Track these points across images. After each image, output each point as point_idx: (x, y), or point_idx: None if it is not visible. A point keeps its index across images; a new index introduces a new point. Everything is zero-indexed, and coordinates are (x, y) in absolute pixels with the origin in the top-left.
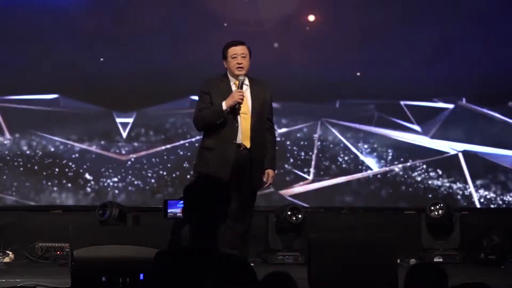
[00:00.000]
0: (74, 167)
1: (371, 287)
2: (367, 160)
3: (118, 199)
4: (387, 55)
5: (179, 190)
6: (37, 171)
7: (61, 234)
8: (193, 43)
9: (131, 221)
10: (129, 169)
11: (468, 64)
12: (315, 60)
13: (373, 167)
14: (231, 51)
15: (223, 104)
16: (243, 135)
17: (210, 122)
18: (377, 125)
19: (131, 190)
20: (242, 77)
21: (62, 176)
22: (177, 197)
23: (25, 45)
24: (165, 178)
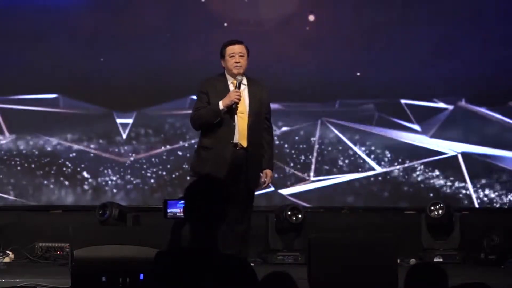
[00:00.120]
0: (74, 167)
1: (371, 287)
2: (367, 160)
3: (118, 199)
4: (387, 55)
5: (179, 190)
6: (37, 171)
7: (61, 234)
8: (193, 43)
9: (131, 221)
10: (129, 169)
11: (468, 64)
12: (315, 60)
13: (373, 167)
14: (229, 50)
15: (220, 104)
16: (240, 135)
17: (207, 122)
18: (377, 125)
19: (131, 190)
20: (240, 77)
21: (62, 176)
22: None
23: (25, 45)
24: (165, 178)
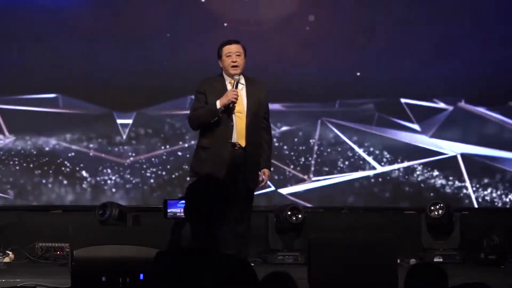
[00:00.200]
0: (74, 167)
1: (371, 287)
2: (367, 160)
3: (118, 199)
4: (387, 55)
5: (178, 190)
6: (36, 171)
7: (61, 234)
8: (193, 43)
9: (131, 221)
10: (129, 169)
11: (468, 64)
12: (315, 60)
13: (373, 167)
14: (226, 50)
15: (217, 103)
16: (238, 134)
17: (205, 121)
18: (377, 125)
19: (131, 190)
20: (238, 76)
21: (61, 176)
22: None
23: (25, 45)
24: (164, 178)
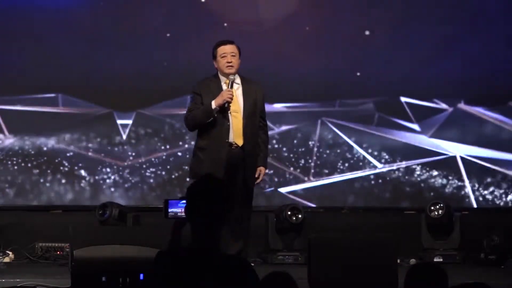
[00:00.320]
0: (74, 167)
1: (371, 287)
2: (367, 160)
3: (118, 199)
4: (387, 55)
5: (178, 190)
6: (36, 171)
7: (61, 234)
8: (193, 43)
9: (131, 221)
10: (129, 169)
11: (468, 64)
12: (315, 60)
13: (373, 167)
14: (220, 51)
15: (213, 103)
16: (235, 134)
17: (200, 122)
18: (377, 125)
19: (131, 190)
20: (233, 76)
21: (61, 176)
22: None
23: (25, 45)
24: (164, 178)
